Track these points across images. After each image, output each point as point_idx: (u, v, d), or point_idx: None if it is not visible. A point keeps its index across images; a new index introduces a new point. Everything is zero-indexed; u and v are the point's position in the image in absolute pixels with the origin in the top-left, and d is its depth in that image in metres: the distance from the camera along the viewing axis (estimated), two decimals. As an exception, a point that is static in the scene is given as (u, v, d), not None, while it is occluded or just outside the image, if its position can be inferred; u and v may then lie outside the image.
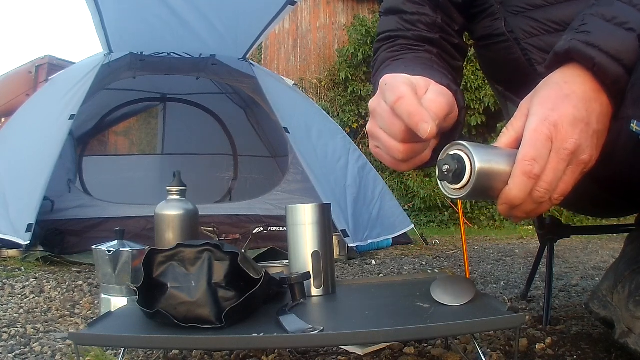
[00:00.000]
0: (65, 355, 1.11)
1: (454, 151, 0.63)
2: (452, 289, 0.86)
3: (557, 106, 0.63)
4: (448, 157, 0.63)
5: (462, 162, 0.61)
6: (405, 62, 0.86)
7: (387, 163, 0.72)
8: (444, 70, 0.84)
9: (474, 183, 0.61)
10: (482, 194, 0.64)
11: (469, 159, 0.61)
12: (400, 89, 0.65)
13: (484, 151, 0.62)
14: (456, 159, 0.62)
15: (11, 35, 59.25)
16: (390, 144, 0.68)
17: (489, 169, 0.61)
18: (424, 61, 0.86)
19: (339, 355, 1.02)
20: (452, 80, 0.80)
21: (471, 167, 0.61)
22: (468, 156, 0.61)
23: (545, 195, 0.63)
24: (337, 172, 3.34)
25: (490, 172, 0.61)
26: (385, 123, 0.67)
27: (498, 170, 0.62)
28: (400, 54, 0.90)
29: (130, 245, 1.25)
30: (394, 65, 0.86)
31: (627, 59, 0.63)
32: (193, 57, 3.86)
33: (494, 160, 0.62)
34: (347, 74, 7.33)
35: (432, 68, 0.83)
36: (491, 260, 2.74)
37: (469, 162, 0.61)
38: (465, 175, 0.61)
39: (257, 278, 0.84)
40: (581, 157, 0.63)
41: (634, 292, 0.85)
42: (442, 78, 0.75)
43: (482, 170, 0.61)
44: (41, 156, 2.89)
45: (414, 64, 0.83)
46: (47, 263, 2.60)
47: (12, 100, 5.13)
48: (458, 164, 0.62)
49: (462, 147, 0.62)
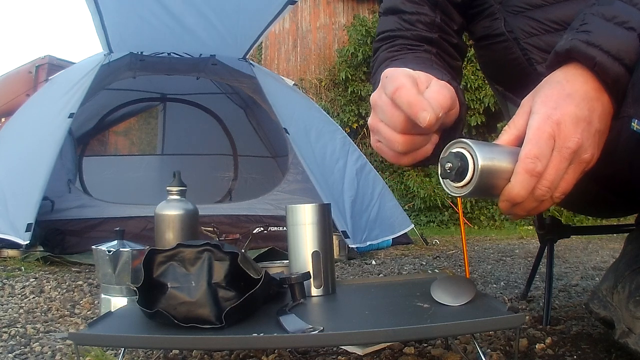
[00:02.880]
0: (65, 355, 1.11)
1: (457, 149, 0.63)
2: (452, 289, 0.86)
3: (560, 105, 0.63)
4: (450, 154, 0.63)
5: (465, 160, 0.61)
6: (404, 61, 0.86)
7: (389, 157, 0.72)
8: (443, 69, 0.85)
9: (477, 181, 0.61)
10: (485, 192, 0.64)
11: (472, 156, 0.61)
12: (400, 79, 0.65)
13: (487, 149, 0.62)
14: (459, 156, 0.62)
15: (11, 35, 59.29)
16: (391, 135, 0.68)
17: (491, 166, 0.61)
18: (423, 60, 0.86)
19: (339, 355, 1.02)
20: (453, 78, 0.80)
21: (474, 165, 0.61)
22: (471, 154, 0.61)
23: (547, 194, 0.63)
24: (335, 174, 3.34)
25: (492, 169, 0.61)
26: (385, 115, 0.67)
27: (500, 168, 0.62)
28: (400, 54, 0.90)
29: (130, 245, 1.25)
30: (393, 65, 0.86)
31: (628, 58, 0.63)
32: (193, 57, 3.86)
33: (496, 158, 0.62)
34: (347, 74, 7.33)
35: (431, 67, 0.83)
36: (491, 260, 2.74)
37: (472, 159, 0.61)
38: (468, 173, 0.61)
39: (257, 278, 0.84)
40: (583, 156, 0.63)
41: (634, 292, 0.85)
42: (442, 75, 0.75)
43: (484, 167, 0.60)
44: (40, 155, 2.88)
45: (414, 63, 0.83)
46: (47, 263, 2.60)
47: (12, 100, 5.13)
48: (461, 162, 0.62)
49: (464, 145, 0.62)
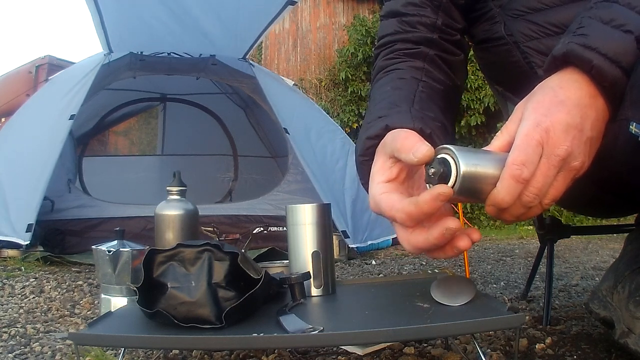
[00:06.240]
0: (65, 355, 1.11)
1: (441, 155, 0.64)
2: (452, 289, 0.86)
3: (551, 112, 0.62)
4: (435, 160, 0.64)
5: (448, 166, 0.62)
6: (392, 83, 0.86)
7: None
8: (427, 101, 0.83)
9: (459, 186, 0.62)
10: (470, 196, 0.65)
11: (455, 162, 0.62)
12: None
13: (471, 155, 0.63)
14: (442, 162, 0.63)
15: (11, 35, 59.28)
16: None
17: (474, 172, 0.62)
18: (410, 85, 0.85)
19: (339, 355, 1.02)
20: (432, 117, 0.80)
21: (456, 170, 0.62)
22: (454, 159, 0.62)
23: (535, 200, 0.62)
24: (335, 174, 3.34)
25: (476, 175, 0.62)
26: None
27: (485, 174, 0.63)
28: (395, 63, 0.90)
29: (130, 245, 1.25)
30: (382, 91, 0.86)
31: (625, 61, 0.63)
32: (193, 57, 3.86)
33: (480, 164, 0.63)
34: (347, 74, 7.33)
35: (412, 101, 0.82)
36: (491, 260, 2.74)
37: (455, 165, 0.62)
38: (451, 178, 0.62)
39: (257, 278, 0.84)
40: (572, 164, 0.63)
41: (634, 292, 0.85)
42: (415, 121, 0.74)
43: (467, 173, 0.61)
44: (41, 156, 2.89)
45: (397, 94, 0.83)
46: (47, 263, 2.60)
47: (12, 100, 5.12)
48: (443, 168, 0.63)
49: (448, 151, 0.63)
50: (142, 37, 3.52)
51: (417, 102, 0.82)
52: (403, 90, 0.84)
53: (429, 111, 0.81)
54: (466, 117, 6.57)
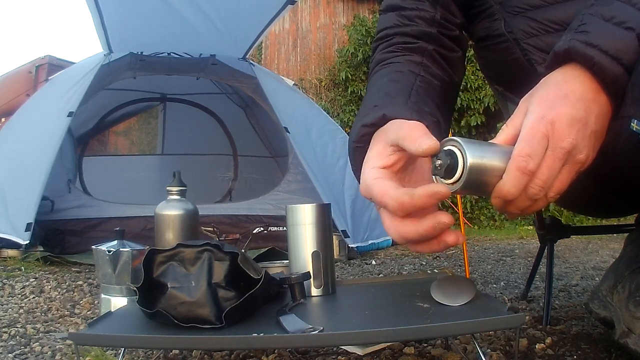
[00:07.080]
0: (65, 355, 1.11)
1: (447, 147, 0.64)
2: (452, 289, 0.86)
3: (555, 105, 0.63)
4: (441, 152, 0.64)
5: (455, 157, 0.62)
6: (390, 75, 0.86)
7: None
8: (423, 95, 0.84)
9: (466, 178, 0.62)
10: (475, 189, 0.65)
11: (462, 154, 0.62)
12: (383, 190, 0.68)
13: (478, 147, 0.63)
14: (449, 154, 0.63)
15: (11, 35, 59.30)
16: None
17: (481, 164, 0.62)
18: (408, 78, 0.86)
19: (339, 355, 1.02)
20: (428, 111, 0.80)
21: (463, 162, 0.62)
22: (460, 151, 0.62)
23: (540, 192, 0.63)
24: (335, 173, 3.34)
25: (482, 167, 0.62)
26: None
27: (491, 166, 0.63)
28: (393, 56, 0.90)
29: (130, 245, 1.25)
30: (379, 83, 0.87)
31: (627, 58, 0.63)
32: (193, 57, 3.86)
33: (487, 157, 0.63)
34: (347, 74, 7.33)
35: (409, 94, 0.82)
36: (491, 260, 2.74)
37: (461, 157, 0.62)
38: (458, 170, 0.62)
39: (257, 278, 0.84)
40: (577, 157, 0.63)
41: (634, 292, 0.85)
42: (412, 113, 0.75)
43: (473, 165, 0.61)
44: (40, 155, 2.89)
45: (394, 86, 0.83)
46: (47, 263, 2.60)
47: (12, 100, 5.12)
48: (450, 159, 0.63)
49: (455, 143, 0.63)
50: (142, 37, 3.52)
51: (414, 95, 0.82)
52: (400, 82, 0.84)
53: (425, 106, 0.81)
54: (466, 117, 6.58)
